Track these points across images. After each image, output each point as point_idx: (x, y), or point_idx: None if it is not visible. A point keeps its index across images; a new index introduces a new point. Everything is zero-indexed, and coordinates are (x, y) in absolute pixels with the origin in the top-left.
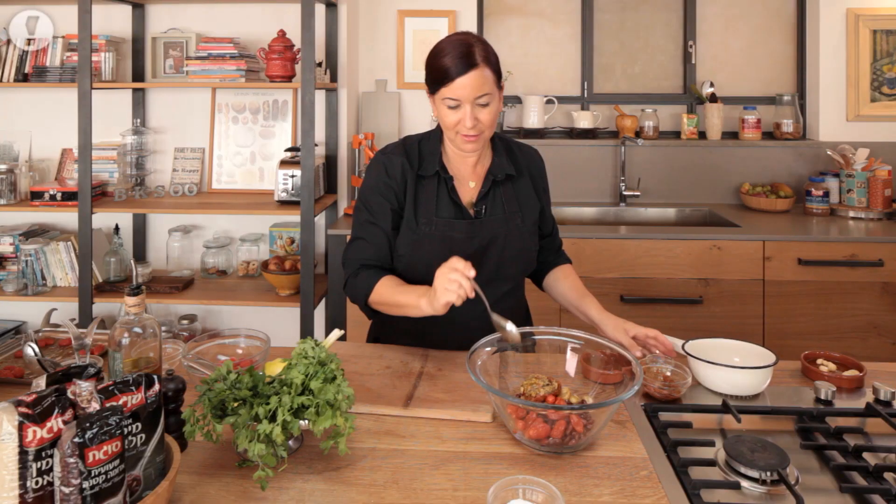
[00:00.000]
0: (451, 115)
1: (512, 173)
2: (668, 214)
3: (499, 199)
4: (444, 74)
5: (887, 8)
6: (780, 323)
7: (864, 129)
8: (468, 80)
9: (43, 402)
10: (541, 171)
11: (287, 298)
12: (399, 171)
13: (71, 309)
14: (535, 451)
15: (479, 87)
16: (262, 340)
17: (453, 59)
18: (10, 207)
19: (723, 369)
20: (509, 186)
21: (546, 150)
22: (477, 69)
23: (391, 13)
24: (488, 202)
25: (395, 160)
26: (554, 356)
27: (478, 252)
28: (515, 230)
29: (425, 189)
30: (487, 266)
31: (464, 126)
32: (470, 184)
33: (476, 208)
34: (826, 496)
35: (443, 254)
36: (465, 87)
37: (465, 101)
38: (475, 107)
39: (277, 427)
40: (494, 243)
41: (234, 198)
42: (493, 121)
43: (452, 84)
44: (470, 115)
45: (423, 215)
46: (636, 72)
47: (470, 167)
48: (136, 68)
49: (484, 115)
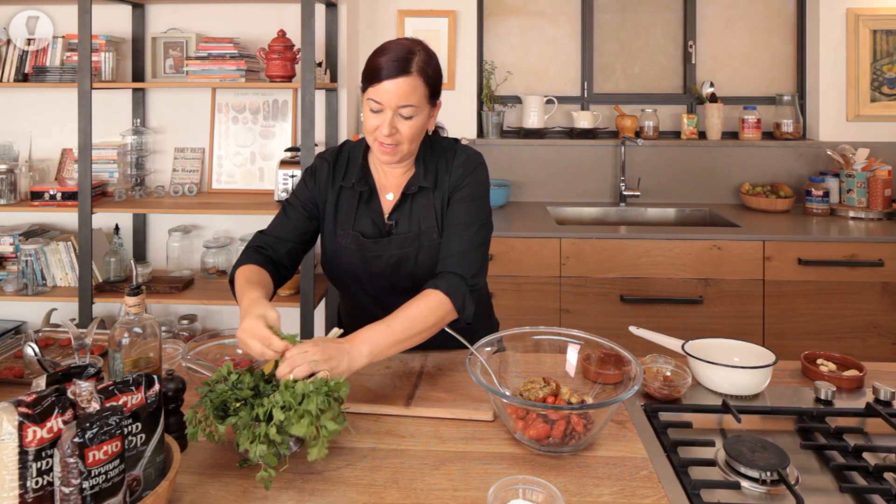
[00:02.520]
0: (373, 118)
1: (426, 186)
2: (668, 214)
3: (415, 213)
4: (375, 74)
5: (887, 8)
6: (780, 323)
7: (864, 129)
8: (395, 85)
9: (43, 402)
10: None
11: (287, 298)
12: (324, 178)
13: (71, 309)
14: (535, 451)
15: (404, 96)
16: None
17: (388, 61)
18: (10, 207)
19: (723, 369)
20: (427, 199)
21: (546, 150)
22: (408, 77)
23: (391, 13)
24: (402, 216)
25: (323, 165)
26: (554, 356)
27: (389, 268)
28: (428, 248)
29: (346, 199)
30: (402, 278)
31: (380, 132)
32: (388, 196)
33: (389, 222)
34: (826, 496)
35: (358, 266)
36: (389, 92)
37: (388, 106)
38: (396, 115)
39: (273, 427)
40: (406, 261)
41: (234, 198)
42: (414, 135)
43: (379, 86)
44: (388, 122)
45: (341, 226)
46: (636, 72)
47: (394, 178)
48: (136, 68)
49: (404, 127)
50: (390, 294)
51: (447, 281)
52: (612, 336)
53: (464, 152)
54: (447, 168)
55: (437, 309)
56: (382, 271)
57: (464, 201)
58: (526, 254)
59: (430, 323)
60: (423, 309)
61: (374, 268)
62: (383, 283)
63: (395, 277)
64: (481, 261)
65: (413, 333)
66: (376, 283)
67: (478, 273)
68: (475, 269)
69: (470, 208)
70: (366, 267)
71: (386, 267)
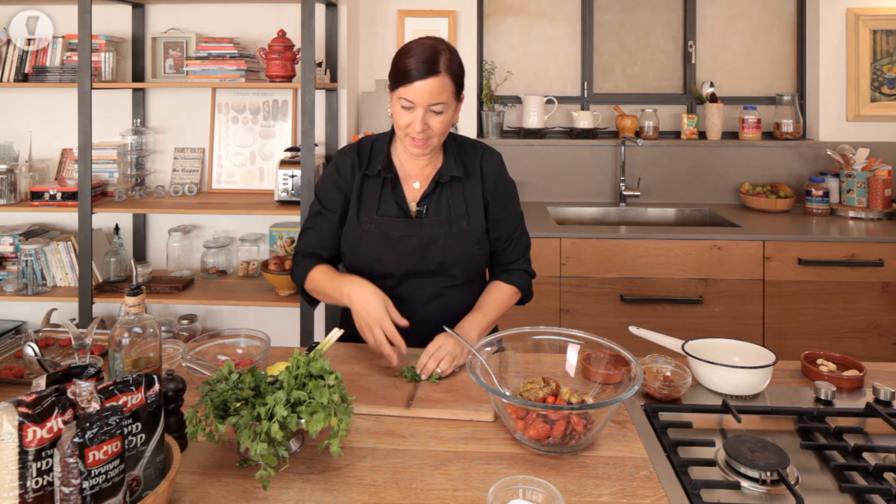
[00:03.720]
0: (404, 115)
1: (459, 175)
2: (668, 214)
3: (444, 201)
4: (405, 75)
5: (887, 8)
6: (780, 323)
7: (864, 129)
8: (426, 85)
9: (43, 402)
10: (494, 173)
11: (287, 298)
12: (349, 170)
13: (71, 309)
14: (535, 451)
15: (435, 95)
16: (262, 340)
17: (417, 62)
18: (10, 207)
19: (723, 369)
20: (458, 189)
21: (546, 150)
22: (437, 76)
23: (391, 13)
24: (432, 203)
25: (346, 159)
26: (554, 356)
27: (417, 250)
28: (458, 233)
29: (370, 187)
30: (428, 264)
31: (413, 129)
32: (415, 184)
33: (418, 208)
34: (826, 496)
35: (382, 250)
36: (421, 92)
37: (420, 105)
38: (428, 112)
39: (275, 424)
40: (435, 244)
41: (234, 198)
42: (445, 129)
43: (411, 86)
44: (421, 119)
45: (364, 213)
46: (636, 72)
47: (419, 168)
48: (136, 68)
49: (435, 123)
50: (415, 277)
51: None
52: (612, 336)
53: (493, 152)
54: (478, 163)
55: (514, 296)
56: (411, 252)
57: (511, 199)
58: None
59: (508, 307)
60: (507, 298)
61: (402, 249)
62: (409, 266)
63: (421, 260)
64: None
65: (499, 316)
66: (403, 265)
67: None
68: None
69: (517, 206)
70: (392, 249)
71: (415, 249)
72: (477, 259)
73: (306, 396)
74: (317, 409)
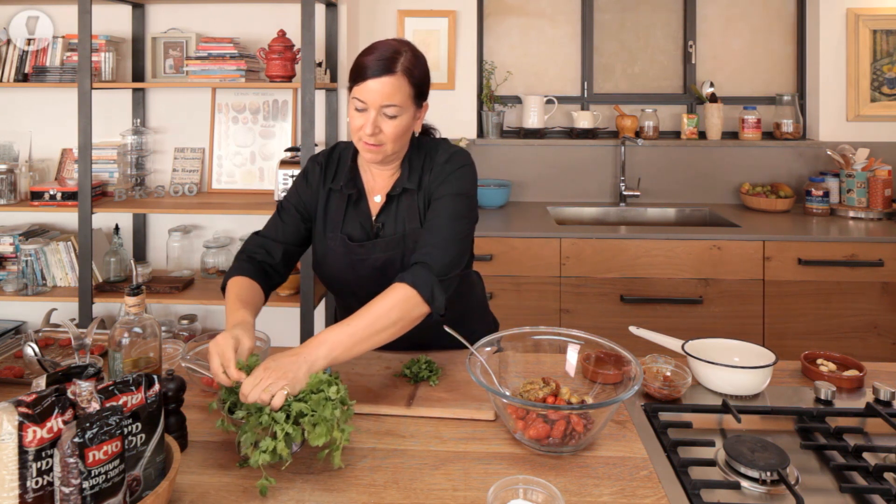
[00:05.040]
0: (357, 117)
1: (410, 187)
2: (668, 214)
3: (400, 214)
4: (360, 73)
5: (887, 8)
6: (780, 323)
7: (864, 129)
8: (379, 84)
9: (43, 402)
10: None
11: (287, 298)
12: (315, 181)
13: (71, 309)
14: (535, 451)
15: (388, 96)
16: (262, 340)
17: (374, 60)
18: (10, 207)
19: (723, 369)
20: (412, 201)
21: (546, 150)
22: (392, 76)
23: (391, 13)
24: (388, 219)
25: (315, 169)
26: (554, 356)
27: (377, 272)
28: (414, 248)
29: (335, 202)
30: (389, 281)
31: (364, 132)
32: (376, 198)
33: (377, 224)
34: (826, 496)
35: (345, 268)
36: (373, 92)
37: (372, 105)
38: (380, 115)
39: (280, 443)
40: (392, 265)
41: (234, 198)
42: (398, 135)
43: (363, 84)
44: (372, 121)
45: (330, 228)
46: (636, 72)
47: (382, 181)
48: (136, 68)
49: (388, 127)
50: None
51: (413, 272)
52: (612, 336)
53: (446, 151)
54: (430, 167)
55: (402, 302)
56: (370, 274)
57: (443, 198)
58: (526, 254)
59: (394, 318)
60: (387, 304)
61: (361, 271)
62: (371, 286)
63: (382, 280)
64: (456, 252)
65: (377, 330)
66: (364, 286)
67: (450, 264)
68: (447, 259)
69: (447, 203)
70: (353, 270)
71: (373, 270)
72: None
73: (308, 410)
74: (319, 421)
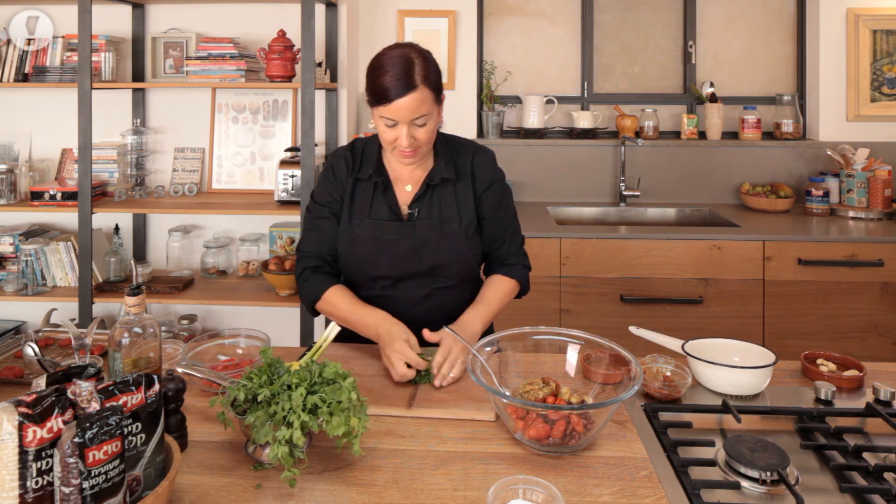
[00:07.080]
0: (388, 132)
1: (449, 177)
2: (668, 214)
3: (436, 203)
4: (383, 95)
5: (887, 8)
6: (780, 323)
7: (864, 129)
8: (406, 102)
9: (43, 402)
10: (485, 172)
11: (287, 298)
12: (343, 173)
13: (71, 309)
14: (535, 451)
15: (416, 109)
16: (262, 341)
17: (393, 80)
18: (10, 207)
19: (723, 369)
20: (449, 190)
21: (546, 150)
22: (416, 91)
23: (391, 13)
24: (423, 206)
25: (339, 163)
26: (554, 356)
27: (409, 253)
28: (450, 235)
29: (362, 191)
30: (421, 266)
31: (400, 143)
32: (406, 187)
33: (410, 211)
34: (826, 496)
35: (375, 254)
36: (402, 110)
37: (402, 121)
38: (412, 126)
39: (297, 431)
40: (427, 246)
41: (234, 198)
42: (431, 137)
43: (390, 105)
44: (406, 134)
45: (356, 216)
46: (636, 72)
47: (409, 170)
48: (136, 68)
49: (420, 134)
50: (408, 279)
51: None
52: (612, 336)
53: (484, 151)
54: (469, 162)
55: (514, 289)
56: (404, 255)
57: (503, 196)
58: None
59: (508, 300)
60: (507, 291)
61: (394, 252)
62: (405, 266)
63: (415, 262)
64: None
65: (500, 309)
66: (399, 266)
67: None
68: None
69: (510, 203)
70: (385, 252)
71: (408, 251)
72: (469, 260)
73: (321, 402)
74: (336, 410)
